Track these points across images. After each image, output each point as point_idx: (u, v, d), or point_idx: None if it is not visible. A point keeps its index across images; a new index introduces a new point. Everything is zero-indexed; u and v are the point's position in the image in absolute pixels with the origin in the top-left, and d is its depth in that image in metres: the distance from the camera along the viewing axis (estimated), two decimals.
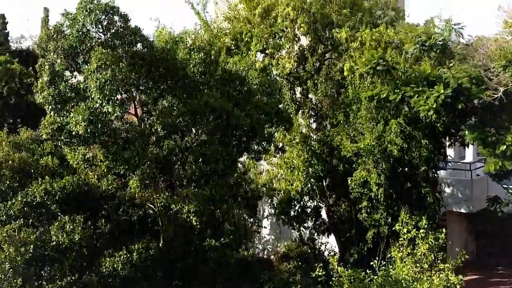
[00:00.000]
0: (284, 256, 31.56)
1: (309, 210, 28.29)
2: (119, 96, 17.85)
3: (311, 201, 28.04)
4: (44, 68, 18.11)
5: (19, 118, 25.80)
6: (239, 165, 23.01)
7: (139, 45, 18.49)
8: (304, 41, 28.45)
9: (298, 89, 28.44)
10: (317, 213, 28.56)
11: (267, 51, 28.23)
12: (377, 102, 25.65)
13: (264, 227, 31.65)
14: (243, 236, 21.86)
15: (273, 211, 28.57)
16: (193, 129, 19.27)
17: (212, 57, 19.83)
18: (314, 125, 28.54)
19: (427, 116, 24.39)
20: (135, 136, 18.01)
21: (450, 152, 30.63)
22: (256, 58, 28.48)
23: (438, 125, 25.26)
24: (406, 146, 25.67)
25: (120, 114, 17.33)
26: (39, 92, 18.12)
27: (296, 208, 27.91)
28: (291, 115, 26.42)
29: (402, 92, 25.28)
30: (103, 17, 17.61)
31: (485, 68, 24.71)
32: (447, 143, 28.24)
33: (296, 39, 28.15)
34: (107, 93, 16.96)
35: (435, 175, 26.81)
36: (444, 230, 25.58)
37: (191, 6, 29.83)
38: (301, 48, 28.22)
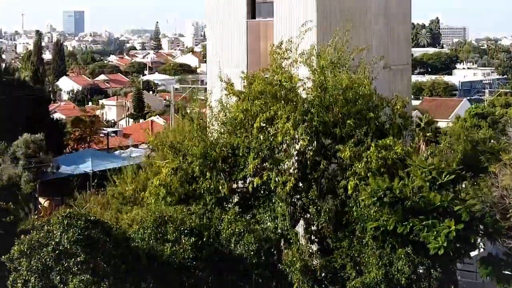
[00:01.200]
0: None
1: None
2: None
3: None
4: (16, 286, 16.38)
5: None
6: None
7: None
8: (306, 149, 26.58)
9: (298, 202, 26.66)
10: None
11: (265, 164, 26.42)
12: (383, 231, 24.23)
13: None
14: None
15: None
16: None
17: (204, 239, 18.10)
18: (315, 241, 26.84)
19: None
20: None
21: None
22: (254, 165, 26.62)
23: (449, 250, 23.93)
24: (415, 277, 24.14)
25: None
26: None
27: None
28: (291, 240, 24.89)
29: (411, 224, 23.85)
30: (82, 232, 15.76)
31: (500, 202, 23.37)
32: None
33: (296, 152, 26.33)
34: None
35: None
36: None
37: (187, 110, 27.94)
38: (303, 160, 26.39)
